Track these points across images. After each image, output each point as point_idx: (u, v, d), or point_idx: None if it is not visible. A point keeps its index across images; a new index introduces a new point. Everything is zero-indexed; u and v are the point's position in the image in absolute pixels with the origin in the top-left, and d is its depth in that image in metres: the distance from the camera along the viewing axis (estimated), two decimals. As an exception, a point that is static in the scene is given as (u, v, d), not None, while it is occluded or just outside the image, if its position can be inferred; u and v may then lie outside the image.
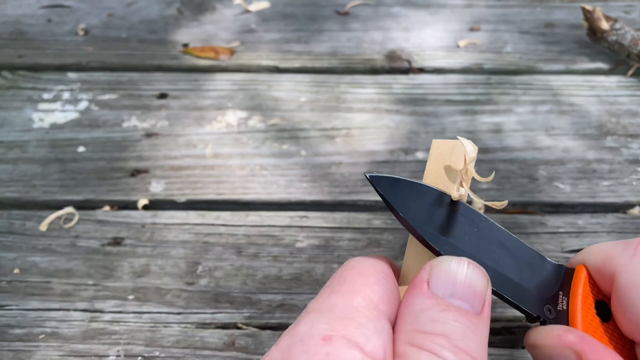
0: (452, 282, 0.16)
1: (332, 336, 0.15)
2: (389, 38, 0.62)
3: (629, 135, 0.51)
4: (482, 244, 0.18)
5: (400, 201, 0.17)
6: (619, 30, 0.57)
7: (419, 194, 0.18)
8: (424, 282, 0.17)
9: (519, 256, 0.19)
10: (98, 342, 0.38)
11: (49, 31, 0.64)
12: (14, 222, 0.45)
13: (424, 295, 0.16)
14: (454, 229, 0.18)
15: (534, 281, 0.18)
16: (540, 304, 0.18)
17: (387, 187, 0.18)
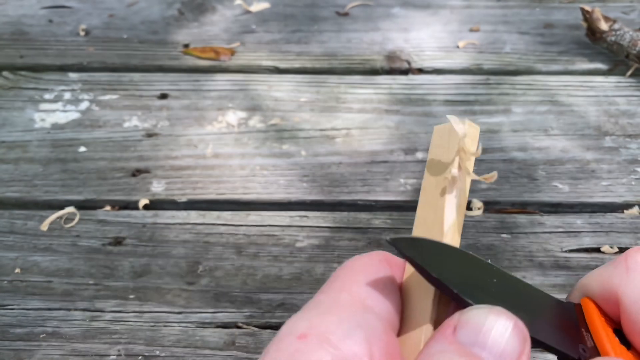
0: (480, 330, 0.15)
1: (308, 334, 0.15)
2: (388, 39, 0.62)
3: (627, 135, 0.51)
4: (507, 293, 0.18)
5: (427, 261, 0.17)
6: (618, 31, 0.57)
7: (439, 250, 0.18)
8: (450, 327, 0.15)
9: (537, 300, 0.18)
10: (99, 342, 0.38)
11: (50, 31, 0.64)
12: (15, 221, 0.45)
13: (446, 340, 0.15)
14: (479, 283, 0.17)
15: (559, 324, 0.18)
16: (574, 343, 0.18)
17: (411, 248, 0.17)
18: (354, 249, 0.43)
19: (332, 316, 0.15)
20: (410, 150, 0.50)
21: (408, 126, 0.52)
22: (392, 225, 0.44)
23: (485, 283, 0.18)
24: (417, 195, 0.47)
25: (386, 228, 0.44)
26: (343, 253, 0.42)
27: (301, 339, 0.15)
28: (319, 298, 0.16)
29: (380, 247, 0.43)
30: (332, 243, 0.43)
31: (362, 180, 0.48)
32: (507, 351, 0.15)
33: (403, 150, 0.50)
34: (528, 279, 0.41)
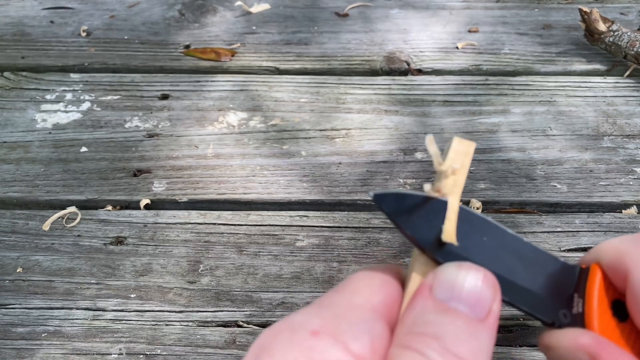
0: (455, 286, 0.16)
1: (321, 332, 0.15)
2: (388, 40, 0.62)
3: (625, 135, 0.51)
4: (492, 252, 0.18)
5: (405, 217, 0.17)
6: (616, 32, 0.58)
7: (424, 207, 0.18)
8: (426, 286, 0.16)
9: (531, 261, 0.18)
10: (100, 341, 0.38)
11: (51, 32, 0.64)
12: (17, 221, 0.45)
13: (424, 298, 0.16)
14: (461, 240, 0.18)
15: (547, 286, 0.18)
16: (555, 309, 0.18)
17: (391, 203, 0.17)
18: (354, 248, 0.43)
19: (345, 318, 0.16)
20: (410, 151, 0.50)
21: (407, 126, 0.53)
22: (391, 225, 0.44)
23: (470, 242, 0.18)
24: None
25: (385, 228, 0.44)
26: (343, 252, 0.43)
27: (314, 335, 0.15)
28: (334, 297, 0.17)
29: (380, 247, 0.43)
30: (332, 242, 0.43)
31: (362, 180, 0.48)
32: (480, 300, 0.16)
33: (402, 150, 0.50)
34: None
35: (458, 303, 0.16)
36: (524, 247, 0.19)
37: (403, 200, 0.18)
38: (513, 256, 0.18)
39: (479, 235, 0.18)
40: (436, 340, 0.15)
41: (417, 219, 0.17)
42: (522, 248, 0.19)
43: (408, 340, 0.15)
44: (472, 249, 0.18)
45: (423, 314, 0.16)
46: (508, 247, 0.18)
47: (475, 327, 0.16)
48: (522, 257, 0.18)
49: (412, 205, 0.18)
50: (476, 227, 0.18)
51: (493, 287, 0.16)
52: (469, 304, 0.16)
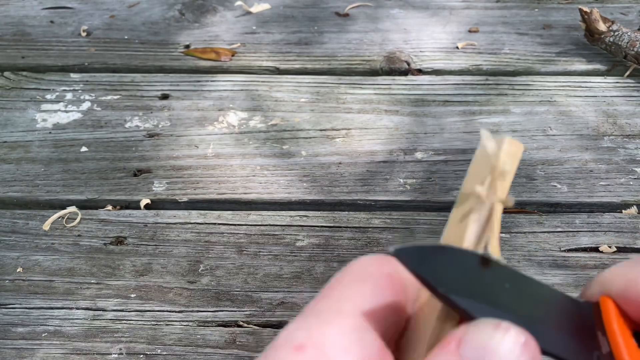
0: (487, 348, 0.14)
1: (306, 346, 0.14)
2: (388, 39, 0.62)
3: (625, 135, 0.51)
4: (518, 301, 0.17)
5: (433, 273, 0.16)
6: (616, 32, 0.58)
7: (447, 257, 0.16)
8: (455, 340, 0.14)
9: (552, 303, 0.17)
10: (100, 341, 0.38)
11: (51, 32, 0.64)
12: (17, 221, 0.45)
13: (449, 354, 0.14)
14: (488, 291, 0.16)
15: (573, 329, 0.17)
16: (589, 352, 0.17)
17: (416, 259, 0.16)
18: (354, 248, 0.43)
19: (332, 328, 0.15)
20: (410, 151, 0.50)
21: (407, 126, 0.53)
22: (391, 225, 0.44)
23: (496, 290, 0.17)
24: (416, 195, 0.47)
25: (386, 228, 0.44)
26: (343, 252, 0.43)
27: (298, 350, 0.14)
28: (320, 305, 0.15)
29: (380, 247, 0.43)
30: (332, 242, 0.43)
31: (362, 180, 0.48)
32: None
33: (402, 150, 0.50)
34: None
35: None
36: (539, 288, 0.18)
37: (426, 254, 0.16)
38: (536, 301, 0.17)
39: (502, 282, 0.17)
40: None
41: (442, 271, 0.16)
42: (539, 290, 0.17)
43: None
44: (500, 301, 0.16)
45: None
46: (528, 292, 0.17)
47: None
48: (544, 300, 0.17)
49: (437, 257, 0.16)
50: (497, 274, 0.17)
51: (532, 356, 0.14)
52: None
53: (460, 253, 0.17)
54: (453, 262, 0.17)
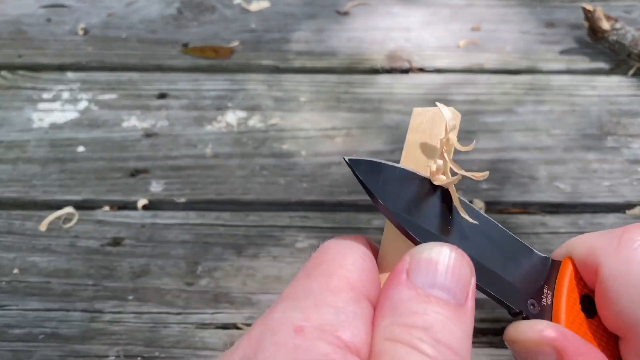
0: (433, 272, 0.15)
1: (305, 327, 0.14)
2: (389, 38, 0.62)
3: (629, 135, 0.51)
4: (466, 233, 0.17)
5: (380, 187, 0.16)
6: (620, 30, 0.57)
7: (401, 179, 0.17)
8: (403, 272, 0.16)
9: (505, 248, 0.18)
10: (98, 343, 0.38)
11: (48, 31, 0.64)
12: (14, 222, 0.45)
13: (402, 285, 0.15)
14: (436, 219, 0.17)
15: (518, 275, 0.18)
16: (524, 298, 0.17)
17: (367, 171, 0.16)
18: (355, 249, 0.42)
19: (327, 306, 0.15)
20: (411, 150, 0.50)
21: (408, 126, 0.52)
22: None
23: (445, 221, 0.17)
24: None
25: (387, 228, 0.44)
26: (343, 253, 0.42)
27: (298, 332, 0.14)
28: (308, 284, 0.15)
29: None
30: (332, 243, 0.43)
31: (363, 180, 0.47)
32: (460, 284, 0.15)
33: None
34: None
35: (439, 290, 0.15)
36: (498, 232, 0.18)
37: (379, 169, 0.17)
38: (486, 240, 0.18)
39: (455, 215, 0.17)
40: (425, 332, 0.14)
41: (393, 190, 0.17)
42: (496, 233, 0.18)
43: (396, 333, 0.15)
44: (446, 229, 0.17)
45: (405, 302, 0.15)
46: (482, 231, 0.18)
47: (459, 314, 0.15)
48: (496, 242, 0.18)
49: (389, 176, 0.17)
50: (452, 209, 0.17)
51: (470, 269, 0.16)
52: (449, 291, 0.15)
53: (415, 177, 0.17)
54: (406, 185, 0.17)
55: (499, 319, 0.38)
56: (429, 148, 0.18)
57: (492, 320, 0.38)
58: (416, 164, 0.18)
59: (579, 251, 0.18)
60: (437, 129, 0.18)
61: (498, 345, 0.37)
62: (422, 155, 0.18)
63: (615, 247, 0.17)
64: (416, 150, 0.18)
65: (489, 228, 0.18)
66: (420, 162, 0.18)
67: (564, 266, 0.18)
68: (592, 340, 0.17)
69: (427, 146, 0.18)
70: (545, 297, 0.18)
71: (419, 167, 0.18)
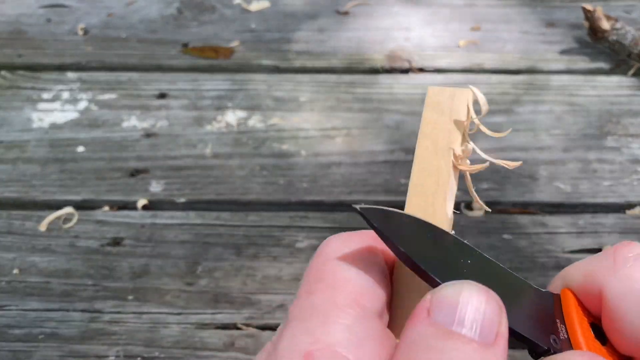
0: (456, 307, 0.14)
1: (314, 352, 0.13)
2: (389, 38, 0.62)
3: (629, 135, 0.51)
4: (480, 275, 0.17)
5: (396, 234, 0.16)
6: (620, 30, 0.57)
7: (412, 226, 0.17)
8: (423, 310, 0.14)
9: (514, 287, 0.18)
10: (97, 343, 0.38)
11: (48, 31, 0.64)
12: (14, 222, 0.45)
13: (422, 323, 0.14)
14: (451, 261, 0.17)
15: (534, 312, 0.18)
16: (546, 334, 0.17)
17: (381, 219, 0.16)
18: (354, 249, 0.42)
19: (336, 325, 0.14)
20: (411, 150, 0.50)
21: (409, 126, 0.52)
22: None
23: (459, 262, 0.17)
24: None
25: (387, 228, 0.44)
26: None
27: (307, 358, 0.13)
28: (312, 301, 0.15)
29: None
30: (332, 243, 0.43)
31: (362, 181, 0.47)
32: (487, 321, 0.14)
33: (403, 150, 0.50)
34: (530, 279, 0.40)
35: (462, 327, 0.14)
36: (503, 272, 0.18)
37: (392, 218, 0.17)
38: (498, 281, 0.18)
39: (465, 257, 0.17)
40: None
41: (409, 237, 0.16)
42: (502, 273, 0.18)
43: None
44: (463, 272, 0.17)
45: (424, 338, 0.14)
46: (490, 271, 0.18)
47: (484, 353, 0.14)
48: (505, 282, 0.18)
49: (402, 224, 0.17)
50: (461, 249, 0.17)
51: (498, 305, 0.15)
52: (474, 327, 0.14)
53: (425, 225, 0.17)
54: (418, 231, 0.17)
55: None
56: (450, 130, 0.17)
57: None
58: (435, 146, 0.17)
59: (575, 280, 0.18)
60: (458, 110, 0.18)
61: None
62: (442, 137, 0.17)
63: (613, 268, 0.17)
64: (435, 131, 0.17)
65: (496, 269, 0.18)
66: (441, 144, 0.17)
67: (565, 297, 0.18)
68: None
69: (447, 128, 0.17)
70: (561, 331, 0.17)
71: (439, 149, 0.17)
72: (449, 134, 0.17)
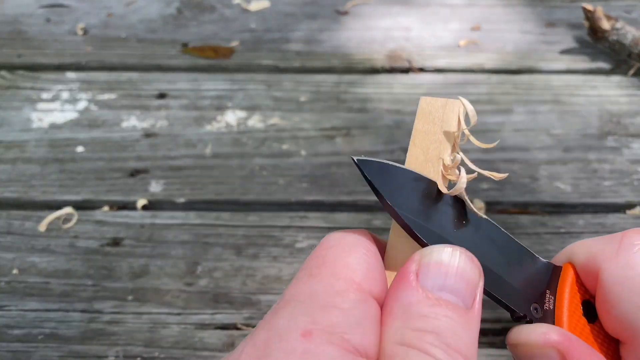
0: (444, 274, 0.15)
1: (313, 330, 0.14)
2: (389, 37, 0.62)
3: (629, 135, 0.51)
4: (471, 237, 0.17)
5: (388, 188, 0.16)
6: (620, 30, 0.57)
7: (409, 181, 0.17)
8: (411, 273, 0.15)
9: (508, 252, 0.18)
10: (97, 343, 0.37)
11: (48, 31, 0.64)
12: (13, 222, 0.45)
13: (412, 288, 0.15)
14: (442, 221, 0.17)
15: (522, 279, 0.18)
16: (528, 302, 0.18)
17: (375, 172, 0.16)
18: (354, 249, 0.42)
19: (334, 308, 0.15)
20: (411, 150, 0.50)
21: (409, 126, 0.52)
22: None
23: (452, 223, 0.17)
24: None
25: (386, 229, 0.43)
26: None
27: (306, 336, 0.14)
28: (313, 285, 0.15)
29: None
30: (332, 244, 0.43)
31: (362, 181, 0.47)
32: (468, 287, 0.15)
33: (403, 150, 0.50)
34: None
35: (449, 293, 0.15)
36: (501, 237, 0.18)
37: (388, 171, 0.17)
38: (491, 244, 0.18)
39: (460, 218, 0.17)
40: (436, 337, 0.14)
41: (402, 192, 0.17)
42: (500, 238, 0.18)
43: (407, 337, 0.14)
44: (452, 232, 0.17)
45: (415, 305, 0.15)
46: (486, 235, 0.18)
47: (467, 318, 0.15)
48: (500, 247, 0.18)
49: (398, 178, 0.17)
50: (458, 211, 0.18)
51: (479, 272, 0.16)
52: (459, 294, 0.15)
53: (423, 181, 0.17)
54: (413, 187, 0.17)
55: (499, 320, 0.38)
56: (440, 140, 0.18)
57: (492, 321, 0.38)
58: (425, 156, 0.18)
59: (579, 256, 0.18)
60: (449, 121, 0.18)
61: (498, 346, 0.37)
62: (432, 148, 0.18)
63: (616, 252, 0.17)
64: (426, 141, 0.18)
65: (493, 231, 0.18)
66: (431, 154, 0.18)
67: (565, 271, 0.18)
68: (594, 345, 0.17)
69: (437, 138, 0.18)
70: (548, 301, 0.18)
71: (429, 159, 0.18)
72: (439, 144, 0.18)
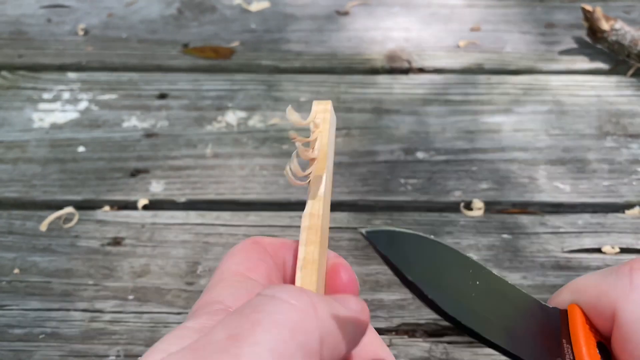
0: None
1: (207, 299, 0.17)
2: (389, 38, 0.62)
3: (629, 135, 0.51)
4: (487, 296, 0.17)
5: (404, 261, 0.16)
6: (619, 31, 0.57)
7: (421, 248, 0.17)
8: None
9: (520, 306, 0.18)
10: (98, 342, 0.38)
11: (48, 31, 0.64)
12: (14, 222, 0.45)
13: None
14: (459, 285, 0.17)
15: (539, 334, 0.17)
16: (552, 358, 0.17)
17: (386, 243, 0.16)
18: (354, 249, 0.42)
19: (220, 288, 0.18)
20: (411, 150, 0.50)
21: (408, 126, 0.52)
22: (392, 225, 0.44)
23: (467, 284, 0.17)
24: (417, 195, 0.47)
25: (386, 228, 0.44)
26: (343, 253, 0.42)
27: (202, 306, 0.17)
28: (209, 283, 0.19)
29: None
30: (332, 243, 0.43)
31: (362, 181, 0.47)
32: None
33: (403, 150, 0.50)
34: (529, 279, 0.40)
35: None
36: (509, 290, 0.18)
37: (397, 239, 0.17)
38: (505, 302, 0.17)
39: (470, 279, 0.17)
40: None
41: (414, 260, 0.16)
42: (509, 291, 0.18)
43: None
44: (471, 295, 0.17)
45: None
46: (497, 292, 0.17)
47: None
48: (513, 302, 0.18)
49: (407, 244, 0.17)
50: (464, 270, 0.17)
51: None
52: None
53: (431, 243, 0.17)
54: (424, 251, 0.17)
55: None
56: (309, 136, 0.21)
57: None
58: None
59: (587, 297, 0.18)
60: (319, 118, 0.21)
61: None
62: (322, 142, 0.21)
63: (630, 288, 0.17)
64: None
65: (503, 288, 0.18)
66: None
67: (573, 315, 0.18)
68: None
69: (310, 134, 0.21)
70: (567, 352, 0.17)
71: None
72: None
